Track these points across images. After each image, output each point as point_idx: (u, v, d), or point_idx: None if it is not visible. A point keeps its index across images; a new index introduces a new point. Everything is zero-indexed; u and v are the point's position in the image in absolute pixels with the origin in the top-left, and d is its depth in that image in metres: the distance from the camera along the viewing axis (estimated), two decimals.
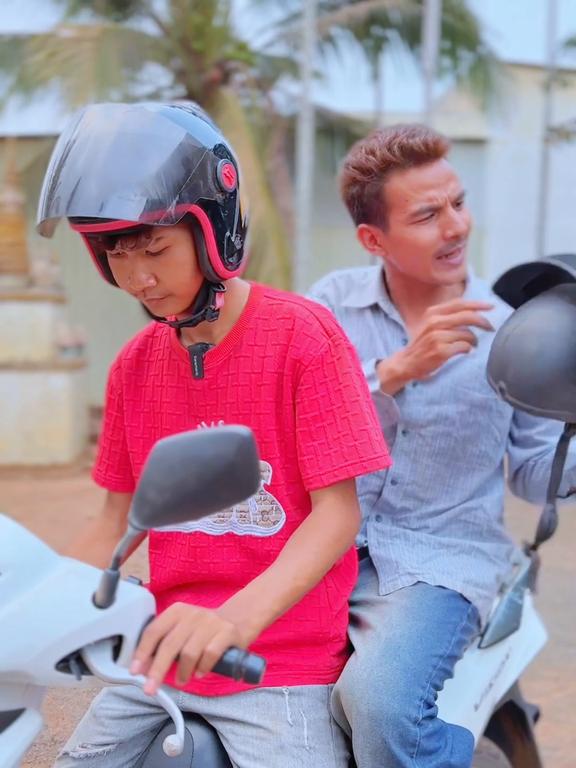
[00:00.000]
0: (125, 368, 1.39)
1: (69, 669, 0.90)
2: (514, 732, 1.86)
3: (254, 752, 1.19)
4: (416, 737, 1.18)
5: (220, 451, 0.89)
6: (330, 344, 1.24)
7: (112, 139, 1.09)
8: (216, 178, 1.15)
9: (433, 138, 1.47)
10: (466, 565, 1.50)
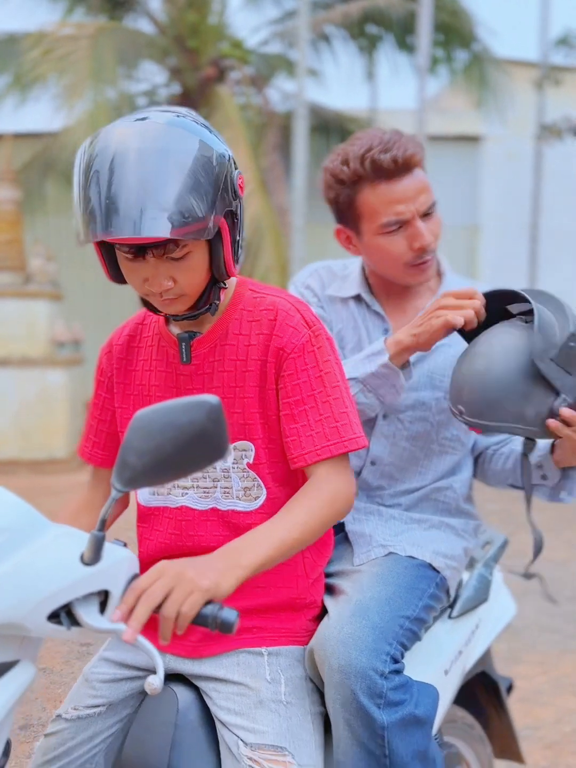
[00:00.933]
0: (116, 353, 1.47)
1: (60, 621, 0.99)
2: (489, 703, 1.95)
3: (235, 707, 1.28)
4: (383, 689, 1.26)
5: (193, 417, 0.98)
6: (311, 334, 1.33)
7: (149, 156, 1.15)
8: (234, 188, 1.25)
9: (404, 154, 1.53)
10: (436, 538, 1.59)
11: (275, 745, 1.24)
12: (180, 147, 1.17)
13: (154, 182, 1.14)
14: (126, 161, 1.16)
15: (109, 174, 1.16)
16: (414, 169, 1.56)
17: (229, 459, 1.35)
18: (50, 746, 1.37)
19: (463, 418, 1.44)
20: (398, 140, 1.56)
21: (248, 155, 9.31)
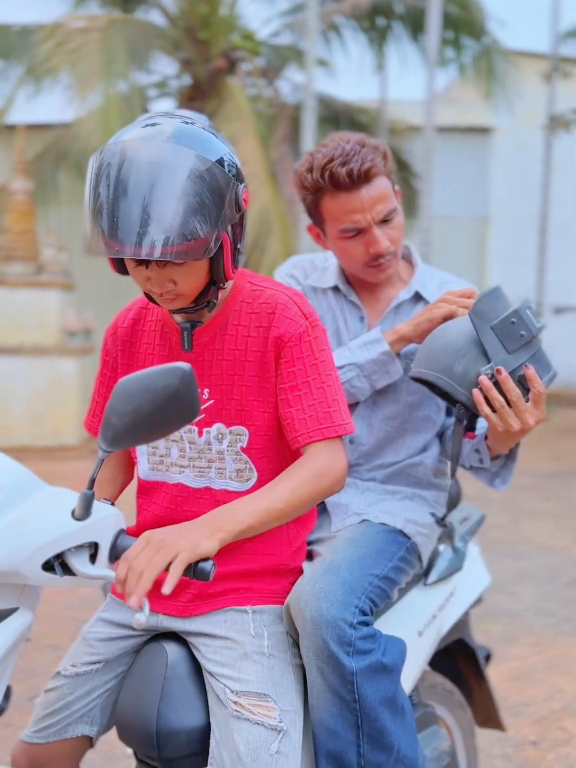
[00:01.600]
0: (121, 335, 1.54)
1: (54, 570, 1.10)
2: (469, 672, 2.04)
3: (222, 659, 1.38)
4: (351, 638, 1.36)
5: (167, 382, 1.09)
6: (308, 325, 1.40)
7: (155, 177, 1.20)
8: (238, 203, 1.31)
9: (360, 168, 1.59)
10: (408, 507, 1.69)
11: (259, 692, 1.34)
12: (183, 166, 1.21)
13: (158, 204, 1.19)
14: (131, 183, 1.20)
15: (114, 192, 1.21)
16: (372, 180, 1.62)
17: (224, 442, 1.44)
18: (50, 701, 1.48)
19: (410, 369, 1.57)
20: (358, 152, 1.61)
21: (258, 146, 9.38)
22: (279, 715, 1.33)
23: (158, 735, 1.37)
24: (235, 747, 1.30)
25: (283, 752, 1.31)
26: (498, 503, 6.38)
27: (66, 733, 1.46)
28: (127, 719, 1.43)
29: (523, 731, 2.86)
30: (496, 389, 1.44)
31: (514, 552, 5.10)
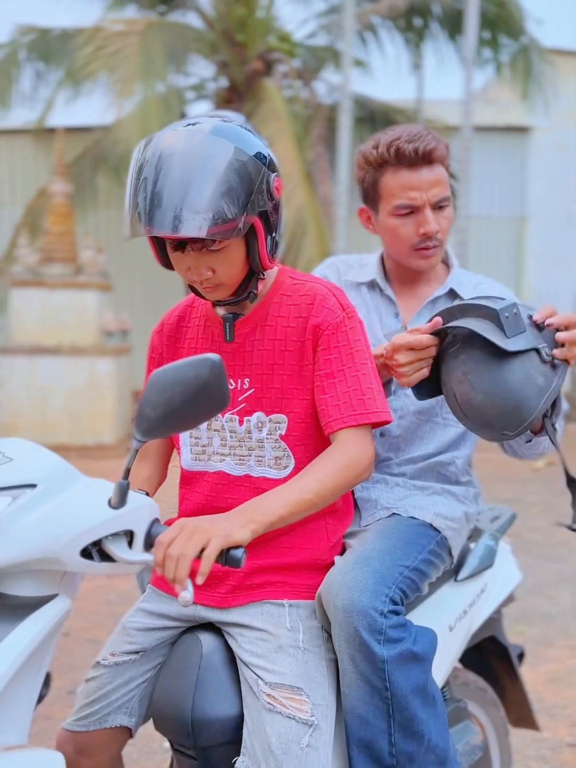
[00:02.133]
0: (166, 331, 1.60)
1: (92, 556, 1.14)
2: (502, 671, 2.04)
3: (257, 651, 1.41)
4: (382, 626, 1.37)
5: (198, 373, 1.12)
6: (345, 316, 1.44)
7: (190, 163, 1.28)
8: (269, 191, 1.35)
9: (426, 147, 1.66)
10: (437, 502, 1.70)
11: (292, 685, 1.36)
12: (217, 154, 1.29)
13: (190, 187, 1.26)
14: (169, 167, 1.28)
15: (154, 178, 1.29)
16: (434, 164, 1.68)
17: (264, 430, 1.48)
18: (90, 690, 1.52)
19: (512, 434, 1.47)
20: (425, 136, 1.69)
21: (294, 147, 9.42)
22: (311, 709, 1.35)
23: (193, 724, 1.40)
24: (267, 739, 1.32)
25: (313, 746, 1.33)
26: (536, 506, 6.33)
27: (106, 722, 1.49)
28: (163, 708, 1.46)
29: (560, 733, 2.85)
30: None
31: (552, 555, 5.06)
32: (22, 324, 8.91)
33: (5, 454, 1.18)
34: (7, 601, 1.15)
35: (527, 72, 11.17)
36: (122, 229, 1.39)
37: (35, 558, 1.12)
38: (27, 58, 11.32)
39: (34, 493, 1.12)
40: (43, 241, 9.33)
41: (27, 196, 12.03)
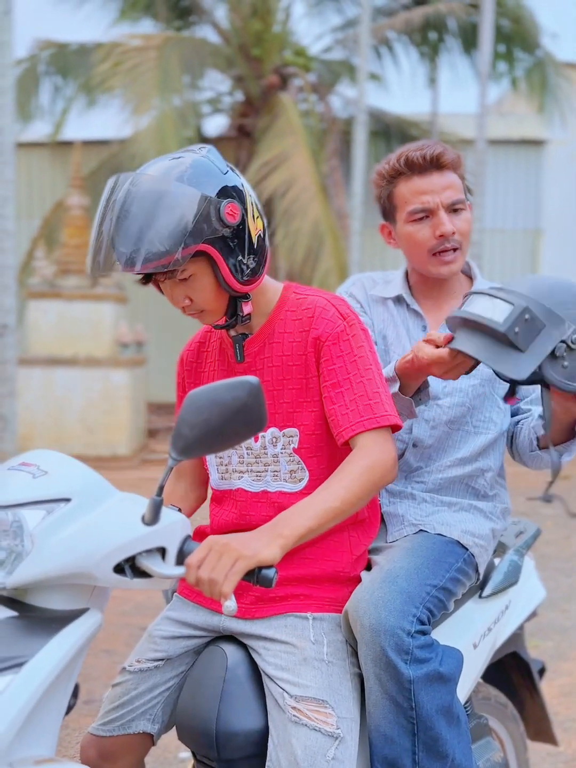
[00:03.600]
0: (187, 358, 1.68)
1: (124, 572, 1.15)
2: (522, 686, 2.04)
3: (282, 663, 1.42)
4: (410, 646, 1.38)
5: (236, 395, 1.15)
6: (345, 325, 1.47)
7: (133, 207, 1.34)
8: (220, 218, 1.37)
9: (433, 152, 1.72)
10: (464, 519, 1.70)
11: (317, 698, 1.38)
12: (149, 194, 1.35)
13: (122, 227, 1.34)
14: (113, 211, 1.36)
15: (99, 221, 1.38)
16: (444, 169, 1.73)
17: (279, 445, 1.51)
18: (116, 695, 1.55)
19: None
20: (433, 144, 1.76)
21: (309, 161, 9.48)
22: (336, 721, 1.36)
23: (217, 736, 1.41)
24: (292, 751, 1.33)
25: (339, 758, 1.34)
26: (550, 519, 6.31)
27: (129, 728, 1.52)
28: (187, 719, 1.48)
29: (573, 746, 2.84)
30: None
31: (566, 569, 5.04)
32: (38, 335, 8.98)
33: (40, 467, 1.19)
34: (39, 614, 1.17)
35: (543, 85, 11.20)
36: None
37: (69, 573, 1.14)
38: (45, 72, 11.45)
39: (69, 508, 1.14)
40: (60, 253, 9.41)
41: (44, 208, 12.15)
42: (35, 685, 1.09)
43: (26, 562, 1.12)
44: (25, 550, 1.13)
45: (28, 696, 1.08)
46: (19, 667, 1.09)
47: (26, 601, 1.18)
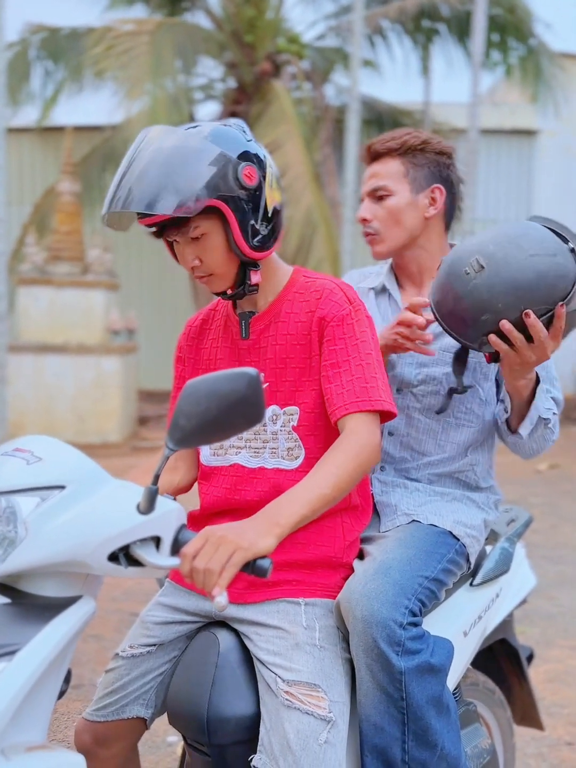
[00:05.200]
0: (191, 333, 1.70)
1: (119, 561, 1.16)
2: (511, 672, 2.07)
3: (274, 648, 1.44)
4: (401, 638, 1.40)
5: (235, 386, 1.15)
6: (351, 309, 1.51)
7: (155, 155, 1.39)
8: (237, 177, 1.42)
9: (370, 144, 1.82)
10: (457, 509, 1.72)
11: (309, 682, 1.39)
12: (188, 148, 1.40)
13: (144, 172, 1.38)
14: (139, 160, 1.41)
15: (124, 168, 1.42)
16: (382, 157, 1.82)
17: (279, 422, 1.53)
18: (109, 681, 1.56)
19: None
20: (386, 135, 1.84)
21: (303, 149, 9.44)
22: (328, 705, 1.38)
23: (209, 721, 1.42)
24: (285, 735, 1.35)
25: (331, 742, 1.36)
26: (537, 508, 6.36)
27: (123, 713, 1.53)
28: (179, 705, 1.49)
29: (558, 732, 2.88)
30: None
31: (553, 556, 5.08)
32: (29, 322, 8.95)
33: (34, 453, 1.19)
34: (32, 601, 1.17)
35: (537, 75, 11.17)
36: (138, 236, 1.48)
37: (63, 561, 1.14)
38: (37, 56, 11.35)
39: (63, 495, 1.14)
40: (51, 240, 9.37)
41: (35, 194, 12.08)
42: (28, 672, 1.09)
43: (20, 549, 1.12)
44: (18, 537, 1.12)
45: (21, 684, 1.08)
46: (12, 655, 1.09)
47: (19, 588, 1.18)
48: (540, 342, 1.49)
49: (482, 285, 1.51)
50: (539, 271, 1.47)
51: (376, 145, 1.81)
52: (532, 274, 1.47)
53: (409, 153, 1.79)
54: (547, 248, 1.49)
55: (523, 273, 1.48)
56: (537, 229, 1.54)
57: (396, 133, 1.83)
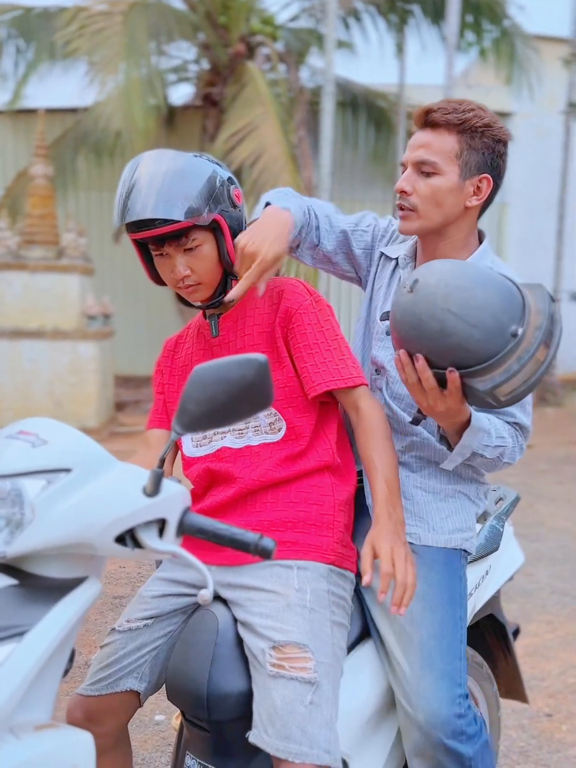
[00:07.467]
0: (167, 347, 1.86)
1: (125, 543, 1.17)
2: (497, 646, 2.12)
3: (266, 611, 1.50)
4: (462, 727, 1.49)
5: (243, 372, 1.17)
6: (312, 300, 1.67)
7: (166, 170, 1.55)
8: (230, 197, 1.62)
9: (429, 107, 1.65)
10: (452, 511, 1.71)
11: (298, 642, 1.44)
12: (194, 166, 1.58)
13: (169, 187, 1.53)
14: (154, 174, 1.54)
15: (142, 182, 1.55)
16: (436, 127, 1.64)
17: None
18: (104, 656, 1.60)
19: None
20: (454, 105, 1.64)
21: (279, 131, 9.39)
22: (314, 666, 1.43)
23: (209, 697, 1.46)
24: (272, 703, 1.40)
25: (316, 702, 1.41)
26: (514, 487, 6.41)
27: (117, 686, 1.57)
28: (178, 681, 1.53)
29: (537, 704, 2.96)
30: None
31: (529, 534, 5.18)
32: (3, 307, 8.84)
33: (39, 435, 1.19)
34: (38, 582, 1.18)
35: (511, 57, 11.21)
36: (105, 212, 1.54)
37: (70, 543, 1.14)
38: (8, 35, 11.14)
39: (70, 478, 1.14)
40: (24, 224, 9.24)
41: (6, 178, 11.92)
42: (38, 653, 1.10)
43: (27, 531, 1.13)
44: (25, 520, 1.13)
45: (30, 665, 1.09)
46: (21, 636, 1.10)
47: (25, 569, 1.18)
48: (431, 391, 1.42)
49: (402, 305, 1.45)
50: (444, 330, 1.37)
51: (435, 114, 1.63)
52: (436, 327, 1.38)
53: (468, 133, 1.63)
54: (475, 317, 1.36)
55: (430, 320, 1.38)
56: (496, 292, 1.39)
57: (459, 104, 1.65)
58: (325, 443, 1.64)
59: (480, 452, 1.57)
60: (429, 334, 1.39)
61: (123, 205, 1.54)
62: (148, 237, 1.57)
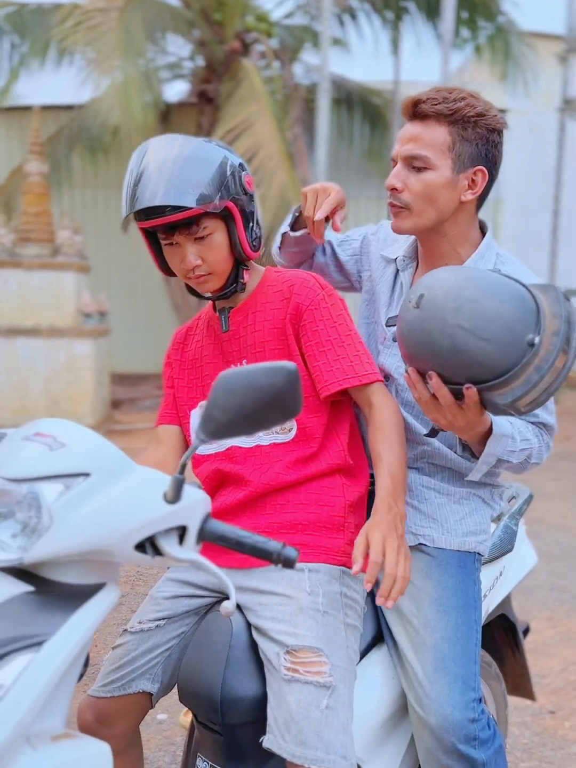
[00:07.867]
0: (176, 339, 1.83)
1: (145, 550, 1.14)
2: (506, 644, 2.12)
3: (278, 615, 1.48)
4: (475, 732, 1.47)
5: (273, 380, 1.13)
6: (324, 294, 1.62)
7: (176, 156, 1.50)
8: (242, 184, 1.57)
9: (417, 98, 1.56)
10: (466, 514, 1.68)
11: (312, 646, 1.43)
12: (205, 152, 1.53)
13: (180, 173, 1.48)
14: (164, 161, 1.49)
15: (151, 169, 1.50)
16: (426, 119, 1.55)
17: None
18: (116, 657, 1.59)
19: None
20: (443, 95, 1.55)
21: (274, 128, 9.36)
22: (329, 669, 1.42)
23: (222, 701, 1.45)
24: (287, 708, 1.39)
25: (332, 707, 1.39)
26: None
27: (129, 688, 1.56)
28: (191, 684, 1.52)
29: (540, 701, 2.98)
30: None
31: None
32: None
33: (56, 438, 1.16)
34: (56, 589, 1.15)
35: (506, 54, 11.20)
36: (101, 209, 1.52)
37: (89, 550, 1.12)
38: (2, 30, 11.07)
39: (88, 483, 1.11)
40: (19, 222, 9.20)
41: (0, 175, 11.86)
42: (56, 664, 1.07)
43: (46, 537, 1.10)
44: (43, 525, 1.10)
45: (48, 676, 1.06)
46: (39, 646, 1.06)
47: (41, 575, 1.16)
48: (449, 408, 1.38)
49: (408, 321, 1.40)
50: (456, 346, 1.31)
51: (424, 105, 1.55)
52: (447, 343, 1.32)
53: (460, 123, 1.55)
54: (488, 331, 1.30)
55: (440, 337, 1.33)
56: (508, 301, 1.33)
57: (450, 93, 1.56)
58: (337, 445, 1.62)
59: (506, 458, 1.52)
60: (440, 351, 1.33)
61: (132, 193, 1.48)
62: (158, 225, 1.52)
